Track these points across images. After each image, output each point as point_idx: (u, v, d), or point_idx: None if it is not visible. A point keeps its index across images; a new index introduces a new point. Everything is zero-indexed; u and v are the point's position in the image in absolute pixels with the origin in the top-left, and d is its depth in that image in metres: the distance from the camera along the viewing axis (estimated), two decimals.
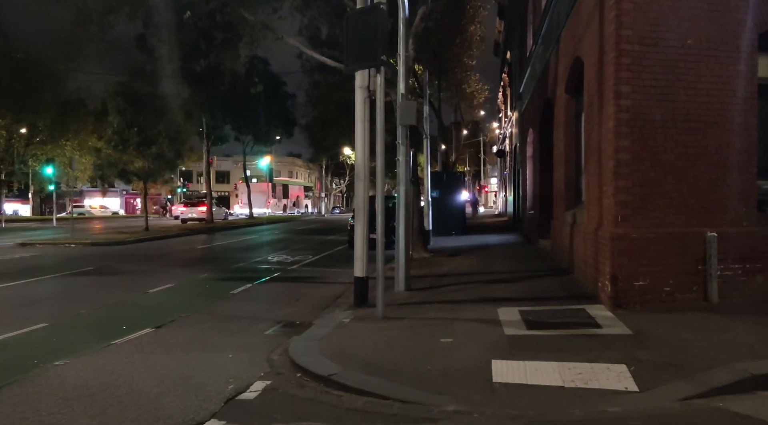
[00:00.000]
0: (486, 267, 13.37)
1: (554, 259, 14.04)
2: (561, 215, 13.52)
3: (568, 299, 9.21)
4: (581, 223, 10.74)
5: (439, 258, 15.20)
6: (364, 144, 9.50)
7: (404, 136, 10.90)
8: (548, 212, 17.66)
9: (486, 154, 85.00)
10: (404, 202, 10.95)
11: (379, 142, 8.75)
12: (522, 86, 24.59)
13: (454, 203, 24.52)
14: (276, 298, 10.83)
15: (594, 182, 9.58)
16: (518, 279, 11.34)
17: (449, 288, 10.68)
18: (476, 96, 42.65)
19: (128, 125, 25.19)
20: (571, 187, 13.01)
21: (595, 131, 9.50)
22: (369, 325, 8.05)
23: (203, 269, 14.71)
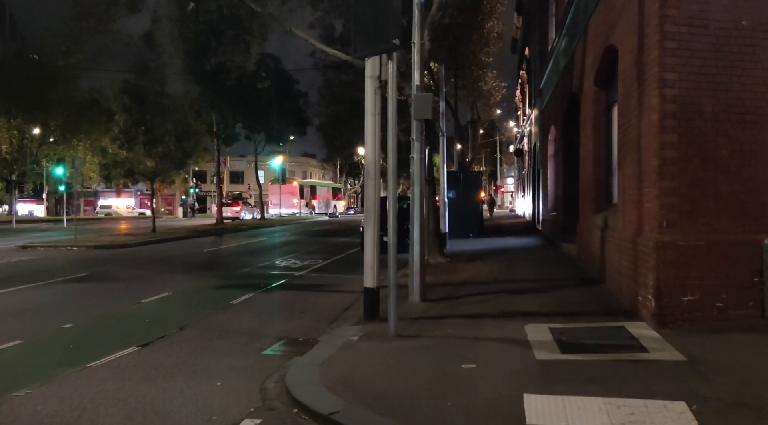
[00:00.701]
0: (508, 275, 12.38)
1: (581, 266, 13.02)
2: (588, 218, 12.50)
3: (603, 314, 8.20)
4: (615, 228, 9.73)
5: (457, 263, 14.23)
6: (375, 139, 8.55)
7: (419, 131, 9.95)
8: (572, 214, 16.66)
9: (502, 154, 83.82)
10: (419, 202, 10.00)
11: (390, 137, 7.81)
12: (542, 82, 23.55)
13: (471, 204, 23.52)
14: (279, 309, 9.93)
15: (631, 183, 8.58)
16: (544, 289, 10.34)
17: (469, 300, 9.72)
18: (493, 94, 41.59)
19: (134, 124, 24.46)
20: (600, 188, 11.99)
21: (632, 126, 8.49)
22: (380, 345, 7.11)
23: (205, 275, 13.85)
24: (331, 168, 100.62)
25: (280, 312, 9.63)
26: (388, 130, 7.86)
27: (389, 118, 7.81)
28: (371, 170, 8.61)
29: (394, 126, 7.77)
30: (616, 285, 9.39)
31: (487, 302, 9.45)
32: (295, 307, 10.05)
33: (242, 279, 13.15)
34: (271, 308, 10.02)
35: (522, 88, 40.67)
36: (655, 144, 7.40)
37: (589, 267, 12.15)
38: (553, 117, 19.58)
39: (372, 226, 8.63)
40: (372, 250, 8.62)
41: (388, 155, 7.99)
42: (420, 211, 10.00)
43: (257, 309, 9.86)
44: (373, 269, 8.60)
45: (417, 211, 9.96)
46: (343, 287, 12.05)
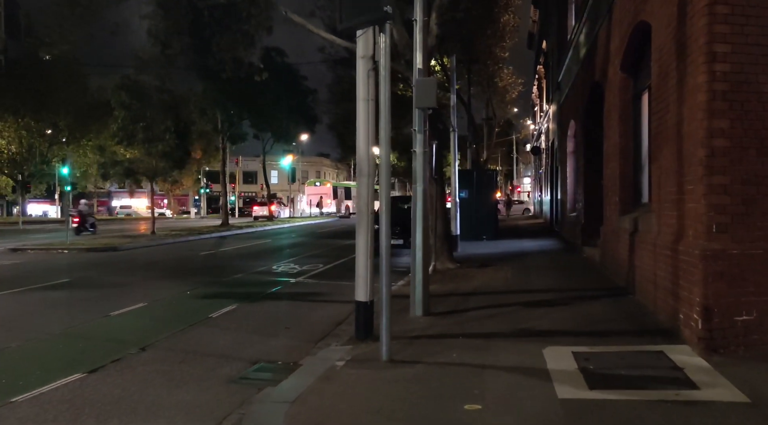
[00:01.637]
0: (523, 283, 11.11)
1: (605, 273, 11.71)
2: (613, 220, 11.20)
3: (636, 335, 6.92)
4: (647, 232, 8.43)
5: (467, 269, 12.97)
6: (368, 130, 7.33)
7: (422, 122, 8.73)
8: (594, 215, 15.36)
9: (519, 153, 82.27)
10: (422, 203, 8.78)
11: (383, 126, 6.60)
12: (561, 75, 22.20)
13: (484, 204, 22.20)
14: (263, 324, 8.74)
15: (669, 179, 7.29)
16: (565, 302, 9.05)
17: (478, 313, 8.47)
18: (509, 90, 40.23)
19: (133, 121, 23.41)
20: (627, 186, 10.69)
21: (671, 111, 7.21)
22: (367, 374, 5.90)
23: (193, 281, 12.70)
24: (344, 168, 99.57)
25: (262, 328, 8.44)
26: (380, 118, 6.64)
27: (381, 101, 6.59)
28: (364, 165, 7.40)
29: (386, 112, 6.55)
30: (650, 298, 8.10)
31: (499, 317, 8.20)
32: (281, 321, 8.87)
33: (231, 287, 11.99)
34: (254, 322, 8.83)
35: (539, 83, 39.23)
36: (702, 131, 6.11)
37: (614, 275, 10.86)
38: (573, 111, 18.26)
39: (365, 231, 7.42)
40: (365, 258, 7.41)
41: (381, 145, 6.76)
42: (423, 212, 8.79)
43: (238, 324, 8.67)
44: (365, 280, 7.40)
45: (419, 212, 8.74)
46: (341, 296, 10.86)
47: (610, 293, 9.56)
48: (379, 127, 6.65)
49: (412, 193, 13.94)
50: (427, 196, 8.96)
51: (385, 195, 6.91)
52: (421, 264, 8.69)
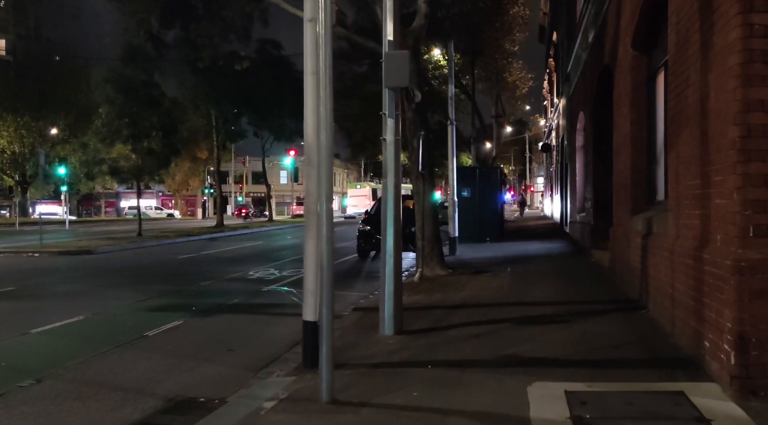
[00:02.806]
0: (520, 293, 9.67)
1: (615, 281, 10.25)
2: (624, 221, 9.76)
3: (649, 365, 5.49)
4: (663, 235, 7.00)
5: (460, 276, 11.55)
6: (317, 110, 5.95)
7: (392, 104, 7.35)
8: (604, 215, 13.94)
9: (532, 153, 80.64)
10: (393, 201, 7.41)
11: (323, 99, 5.23)
12: (570, 64, 20.71)
13: (489, 204, 20.71)
14: (205, 344, 7.39)
15: (690, 169, 5.87)
16: (565, 318, 7.62)
17: (461, 333, 7.07)
18: (519, 86, 38.74)
19: (118, 116, 22.16)
20: (639, 181, 9.25)
21: (693, 84, 5.78)
22: (299, 421, 4.53)
23: (152, 290, 11.37)
24: (355, 168, 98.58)
25: (201, 350, 7.09)
26: (320, 93, 5.28)
27: (320, 68, 5.23)
28: (313, 153, 6.04)
29: (327, 84, 5.19)
30: (666, 316, 6.66)
31: (484, 338, 6.79)
32: (227, 341, 7.51)
33: (190, 297, 10.64)
34: (195, 342, 7.48)
35: (549, 77, 37.69)
36: (734, 105, 4.68)
37: (625, 284, 9.40)
38: (582, 101, 16.79)
39: (315, 234, 6.04)
40: (314, 267, 6.03)
41: (321, 128, 5.40)
42: (395, 211, 7.41)
43: (173, 345, 7.32)
44: (314, 296, 6.01)
45: (390, 212, 7.38)
46: None
47: (619, 307, 8.11)
48: (319, 104, 5.28)
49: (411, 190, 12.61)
50: (398, 192, 7.56)
51: (325, 189, 5.53)
52: (392, 273, 7.31)
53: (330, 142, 5.58)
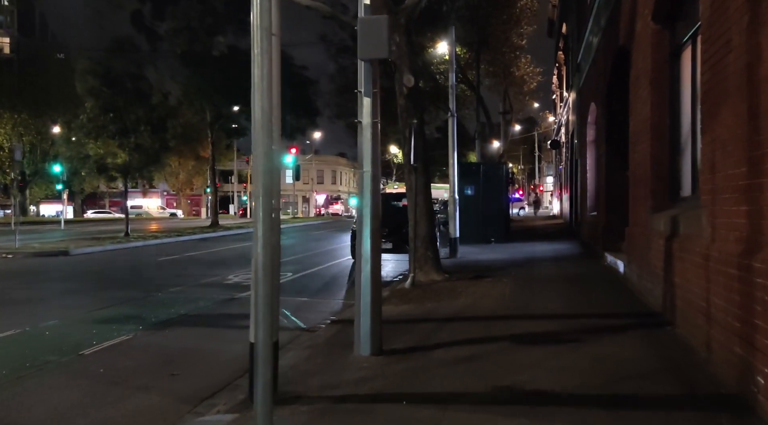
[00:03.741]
0: (524, 303, 8.45)
1: (632, 289, 9.02)
2: (643, 220, 8.55)
3: (683, 404, 4.29)
4: (694, 237, 5.79)
5: (457, 282, 10.35)
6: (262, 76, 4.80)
7: (369, 79, 6.18)
8: (618, 214, 12.73)
9: (541, 151, 79.30)
10: (372, 196, 6.23)
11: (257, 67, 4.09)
12: (580, 54, 19.45)
13: (494, 202, 19.45)
14: (144, 367, 6.22)
15: (732, 154, 4.66)
16: (575, 335, 6.40)
17: (449, 354, 5.88)
18: (527, 81, 37.46)
19: (104, 110, 21.04)
20: (661, 174, 8.04)
21: (737, 48, 4.57)
22: None
23: (113, 297, 10.23)
24: None
25: (139, 374, 5.93)
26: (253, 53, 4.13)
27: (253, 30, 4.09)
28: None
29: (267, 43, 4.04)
30: (700, 336, 5.45)
31: (477, 362, 5.60)
32: (175, 362, 6.36)
33: (151, 306, 9.47)
34: (135, 364, 6.32)
35: (559, 71, 36.38)
36: None
37: (645, 293, 8.18)
38: (594, 91, 15.54)
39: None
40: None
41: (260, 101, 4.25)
42: (373, 209, 6.24)
43: (108, 368, 6.15)
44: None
45: (368, 209, 6.22)
46: (296, 318, 8.42)
47: (640, 321, 6.90)
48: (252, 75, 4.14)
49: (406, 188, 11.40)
50: (377, 185, 6.38)
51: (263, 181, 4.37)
52: (369, 282, 6.13)
53: (269, 124, 4.45)
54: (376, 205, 6.28)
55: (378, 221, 6.35)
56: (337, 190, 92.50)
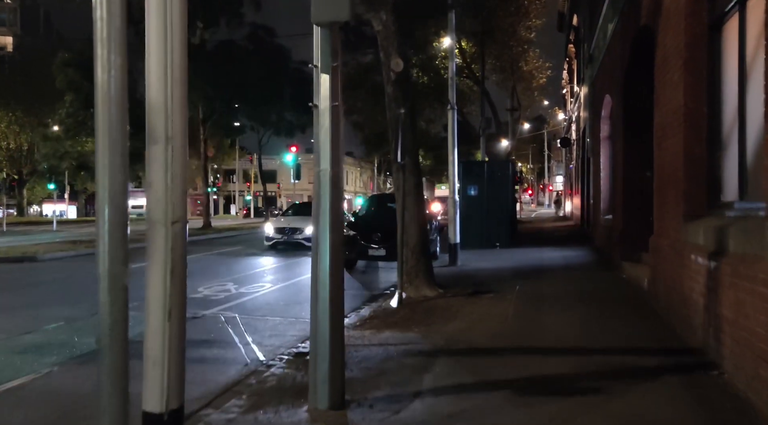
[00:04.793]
0: (529, 331, 7.00)
1: (659, 312, 7.57)
2: (674, 229, 7.11)
3: None
4: (753, 258, 4.35)
5: (452, 299, 8.92)
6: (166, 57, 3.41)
7: (327, 50, 4.79)
8: (636, 218, 11.37)
9: (550, 150, 77.78)
10: (332, 200, 4.84)
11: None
12: (593, 43, 17.98)
13: (499, 204, 18.00)
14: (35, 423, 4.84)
15: None
16: (594, 385, 4.95)
17: (429, 410, 4.48)
18: (536, 76, 35.97)
19: (84, 105, 19.69)
20: (697, 175, 6.60)
21: None
22: None
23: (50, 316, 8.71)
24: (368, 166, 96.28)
25: None
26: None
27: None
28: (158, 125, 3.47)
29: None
30: (762, 390, 4.02)
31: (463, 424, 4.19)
32: (79, 414, 4.98)
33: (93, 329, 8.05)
34: (27, 417, 4.93)
35: (569, 65, 34.83)
36: None
37: (677, 319, 6.73)
38: (609, 82, 14.08)
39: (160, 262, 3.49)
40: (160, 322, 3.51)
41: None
42: (333, 216, 4.84)
43: None
44: (162, 368, 3.49)
45: (325, 215, 4.82)
46: (245, 343, 7.04)
47: (675, 362, 5.46)
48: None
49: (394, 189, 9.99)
50: (338, 184, 4.96)
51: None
52: (328, 315, 4.72)
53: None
54: (337, 214, 4.88)
55: (340, 234, 4.94)
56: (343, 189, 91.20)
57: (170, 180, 3.48)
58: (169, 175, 3.47)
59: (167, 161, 3.46)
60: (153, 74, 3.48)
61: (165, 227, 3.48)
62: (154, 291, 3.47)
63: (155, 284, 3.47)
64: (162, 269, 3.47)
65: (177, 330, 3.50)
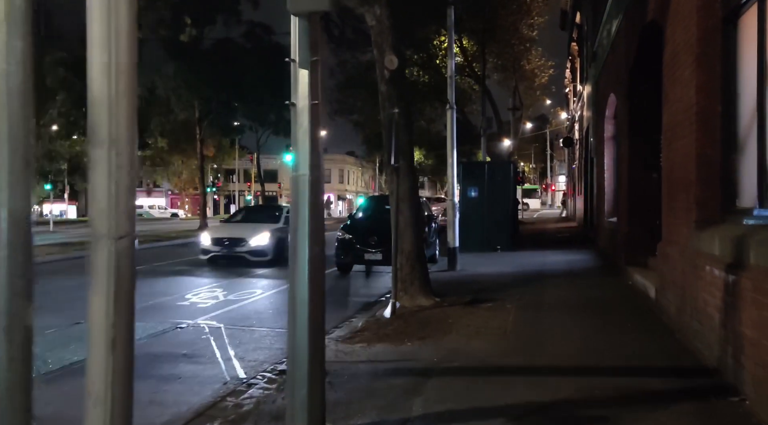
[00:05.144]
0: (529, 346, 6.52)
1: (669, 324, 7.10)
2: (684, 236, 6.64)
3: None
4: None
5: (448, 309, 8.45)
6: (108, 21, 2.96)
7: (305, 43, 4.33)
8: (642, 221, 10.94)
9: (553, 150, 77.28)
10: (311, 211, 4.36)
11: None
12: (597, 41, 17.51)
13: (500, 206, 17.54)
14: None
15: None
16: (598, 412, 4.50)
17: None
18: (538, 74, 35.52)
19: (76, 105, 19.26)
20: (711, 178, 6.13)
21: None
22: None
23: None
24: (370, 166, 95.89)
25: None
26: None
27: None
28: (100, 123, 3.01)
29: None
30: None
31: None
32: None
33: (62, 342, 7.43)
34: None
35: (572, 64, 34.32)
36: None
37: (688, 333, 6.26)
38: (614, 80, 13.61)
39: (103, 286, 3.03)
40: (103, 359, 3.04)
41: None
42: (311, 225, 4.36)
43: None
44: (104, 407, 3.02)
45: (304, 225, 4.35)
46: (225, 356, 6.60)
47: (690, 385, 4.99)
48: None
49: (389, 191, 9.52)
50: (318, 194, 4.49)
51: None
52: (307, 335, 4.26)
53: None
54: (318, 224, 4.41)
55: (321, 247, 4.47)
56: (344, 189, 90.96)
57: (114, 188, 3.01)
58: (113, 182, 3.00)
59: (111, 167, 2.99)
60: (95, 65, 3.02)
61: (108, 243, 3.01)
62: (96, 318, 3.00)
63: (97, 309, 3.00)
64: (104, 292, 3.00)
65: (123, 363, 3.03)
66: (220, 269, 14.96)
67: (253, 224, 16.59)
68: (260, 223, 16.47)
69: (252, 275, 13.79)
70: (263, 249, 15.30)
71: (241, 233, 15.68)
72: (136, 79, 3.21)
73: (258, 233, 15.47)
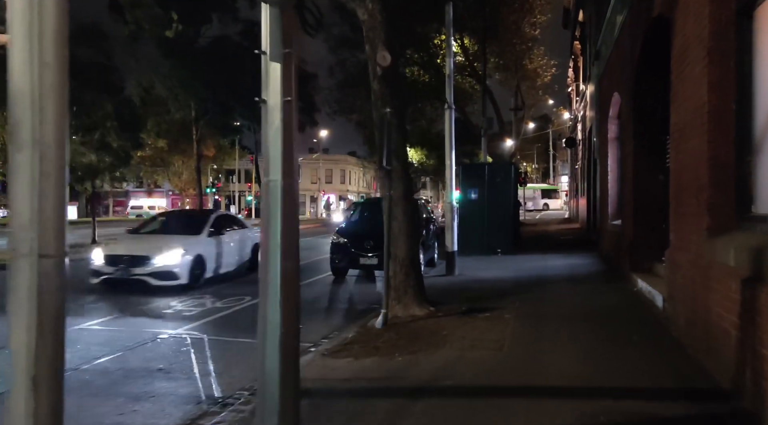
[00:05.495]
0: (527, 361, 6.05)
1: (678, 337, 6.65)
2: (695, 243, 6.18)
3: None
4: None
5: (443, 319, 8.00)
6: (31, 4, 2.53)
7: (277, 32, 3.93)
8: (648, 225, 10.52)
9: (555, 150, 76.78)
10: (284, 221, 3.93)
11: None
12: (600, 38, 17.05)
13: (501, 207, 17.09)
14: None
15: None
16: None
17: None
18: (540, 74, 35.00)
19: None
20: (724, 181, 5.69)
21: None
22: None
23: None
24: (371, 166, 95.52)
25: None
26: None
27: None
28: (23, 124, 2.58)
29: None
30: None
31: None
32: None
33: None
34: None
35: (575, 63, 33.85)
36: None
37: (699, 348, 5.81)
38: (617, 79, 13.15)
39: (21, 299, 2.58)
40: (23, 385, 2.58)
41: None
42: (286, 244, 3.93)
43: None
44: None
45: (277, 242, 3.91)
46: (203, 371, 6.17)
47: (703, 409, 4.55)
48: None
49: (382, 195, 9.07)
50: (293, 202, 4.05)
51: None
52: (278, 364, 3.83)
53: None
54: (292, 235, 3.98)
55: (295, 261, 4.04)
56: (346, 190, 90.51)
57: (38, 200, 2.58)
58: (36, 192, 2.57)
59: (34, 174, 2.57)
60: (16, 55, 2.60)
61: (31, 264, 2.57)
62: (17, 351, 2.58)
63: (18, 341, 2.57)
64: (25, 320, 2.56)
65: (47, 404, 2.59)
66: None
67: (165, 236, 12.97)
68: (176, 235, 12.88)
69: (242, 282, 13.31)
70: (171, 270, 11.54)
71: (144, 249, 11.90)
72: (67, 74, 2.76)
73: (167, 249, 11.79)
